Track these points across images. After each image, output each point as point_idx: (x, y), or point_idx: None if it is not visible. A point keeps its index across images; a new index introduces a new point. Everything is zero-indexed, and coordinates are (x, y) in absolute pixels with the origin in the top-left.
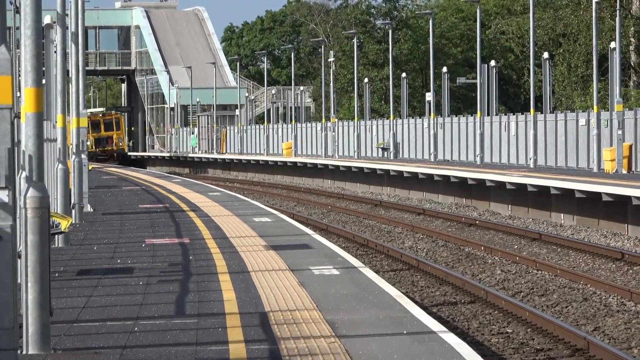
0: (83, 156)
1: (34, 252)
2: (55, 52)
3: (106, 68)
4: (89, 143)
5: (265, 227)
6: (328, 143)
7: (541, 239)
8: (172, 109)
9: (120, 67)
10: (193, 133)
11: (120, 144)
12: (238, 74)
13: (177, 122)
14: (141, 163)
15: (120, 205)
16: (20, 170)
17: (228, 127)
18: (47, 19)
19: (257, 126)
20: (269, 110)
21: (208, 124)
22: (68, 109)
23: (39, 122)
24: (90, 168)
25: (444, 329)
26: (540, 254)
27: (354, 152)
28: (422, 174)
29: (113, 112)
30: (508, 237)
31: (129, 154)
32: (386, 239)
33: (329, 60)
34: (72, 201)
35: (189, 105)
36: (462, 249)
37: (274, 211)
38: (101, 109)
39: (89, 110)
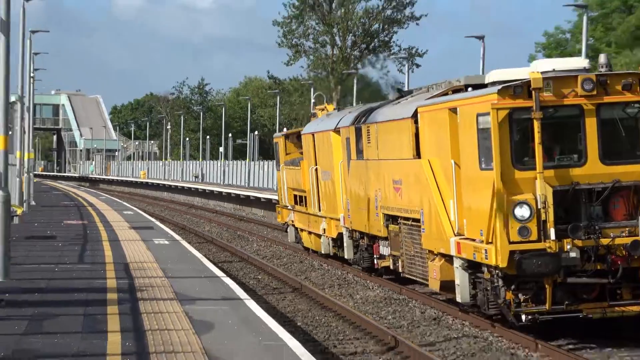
0: (31, 174)
1: (1, 225)
2: None
3: None
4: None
5: (129, 217)
6: (166, 172)
7: None
8: (81, 150)
9: None
10: (92, 164)
11: None
12: (118, 132)
13: (83, 157)
14: None
15: (51, 202)
16: None
17: (111, 162)
18: None
19: (126, 162)
20: (134, 153)
21: (101, 159)
22: None
23: (5, 154)
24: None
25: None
26: None
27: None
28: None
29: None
30: None
31: None
32: (195, 225)
33: (167, 127)
34: (24, 198)
35: (91, 148)
36: None
37: (135, 208)
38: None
39: None
